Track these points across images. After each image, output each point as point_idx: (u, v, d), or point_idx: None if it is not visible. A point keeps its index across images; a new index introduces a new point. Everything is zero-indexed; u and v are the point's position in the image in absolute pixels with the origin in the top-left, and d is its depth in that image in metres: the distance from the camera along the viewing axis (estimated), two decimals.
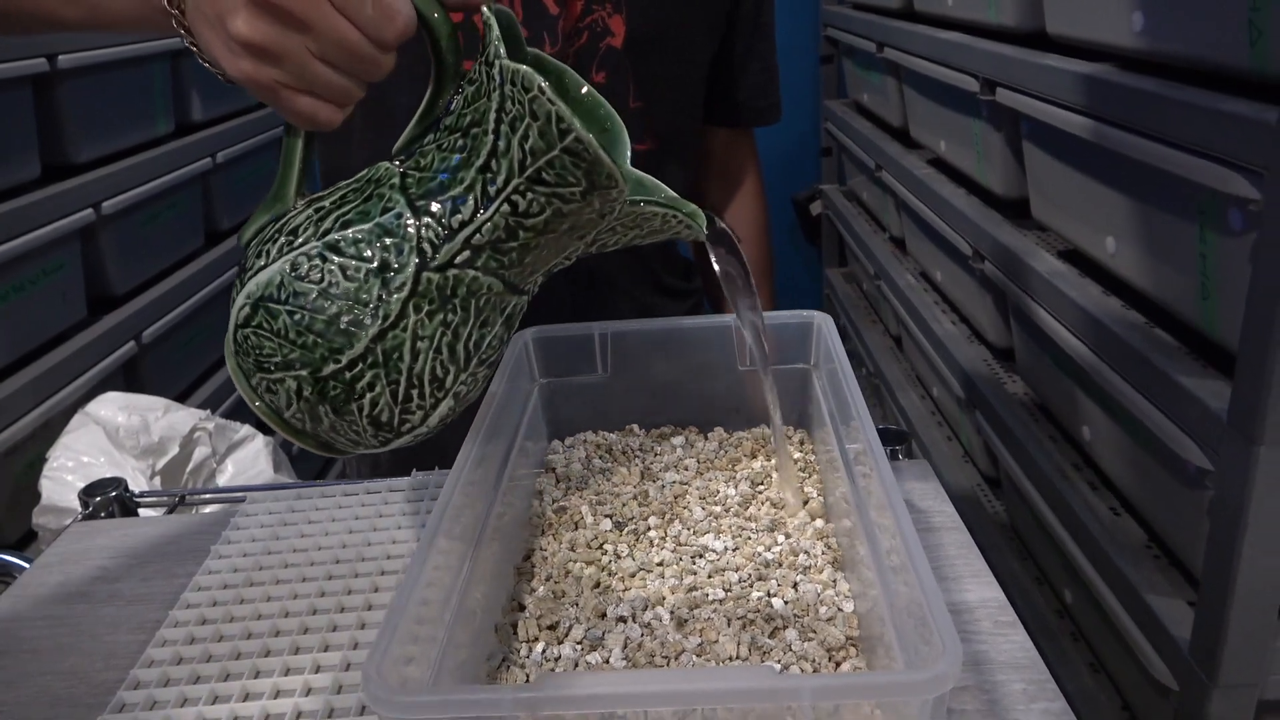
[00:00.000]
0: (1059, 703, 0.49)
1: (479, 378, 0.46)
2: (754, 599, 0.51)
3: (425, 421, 0.46)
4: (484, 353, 0.46)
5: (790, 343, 0.67)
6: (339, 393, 0.43)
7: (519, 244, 0.43)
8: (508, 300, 0.45)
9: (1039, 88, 0.94)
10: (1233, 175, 0.62)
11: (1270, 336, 0.58)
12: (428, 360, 0.44)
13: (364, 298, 0.42)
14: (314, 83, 0.42)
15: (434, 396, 0.45)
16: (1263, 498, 0.62)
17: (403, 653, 0.38)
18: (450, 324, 0.44)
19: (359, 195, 0.45)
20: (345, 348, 0.43)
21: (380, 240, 0.43)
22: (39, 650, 0.57)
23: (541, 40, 0.72)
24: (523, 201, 0.42)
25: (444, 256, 0.43)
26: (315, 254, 0.43)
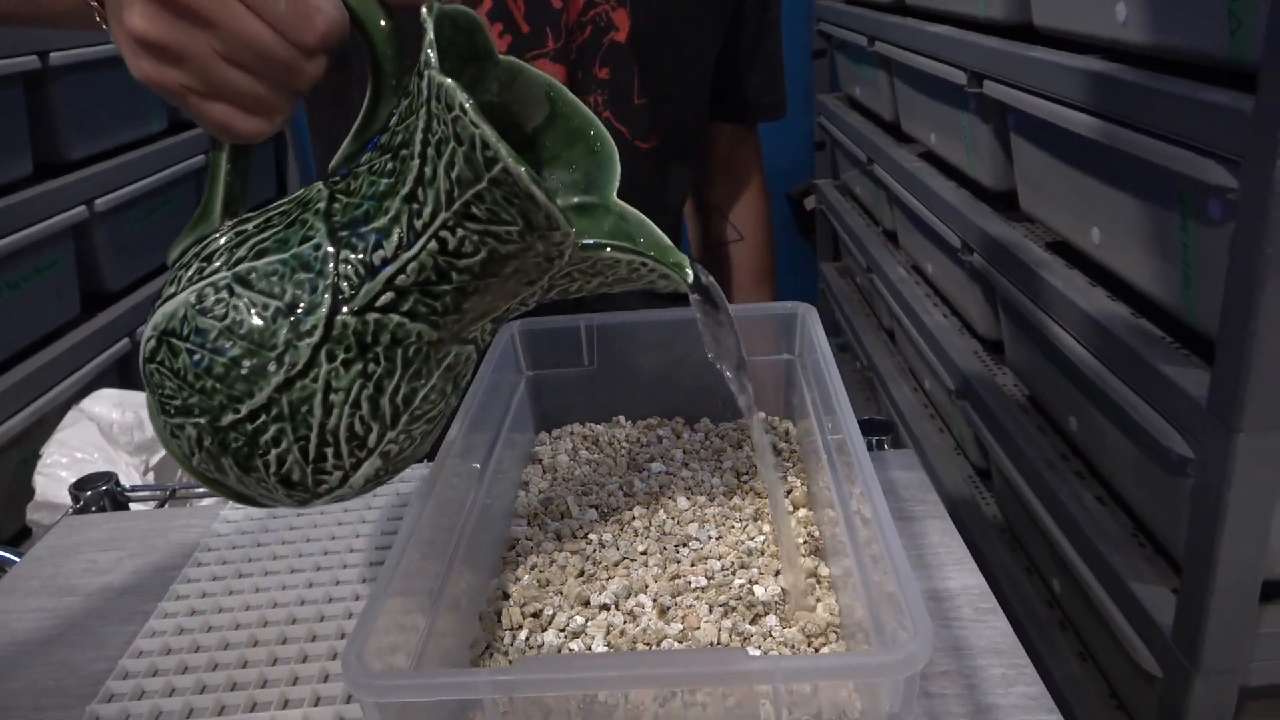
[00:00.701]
0: (1037, 686, 0.49)
1: (416, 435, 0.40)
2: (736, 586, 0.52)
3: (346, 482, 0.40)
4: (419, 409, 0.39)
5: (775, 334, 0.67)
6: (241, 446, 0.38)
7: (453, 287, 0.37)
8: (445, 350, 0.39)
9: (1025, 80, 0.94)
10: (1211, 164, 0.62)
11: (1247, 324, 0.58)
12: (343, 415, 0.38)
13: (270, 341, 0.37)
14: (224, 88, 0.36)
15: (354, 456, 0.39)
16: (1242, 484, 0.62)
17: (385, 641, 0.38)
18: (371, 375, 0.38)
19: (284, 219, 0.39)
20: (246, 396, 0.37)
21: (294, 275, 0.37)
22: (29, 642, 0.58)
23: (544, 36, 0.70)
24: (452, 239, 0.36)
25: (363, 298, 0.37)
26: (223, 285, 0.38)
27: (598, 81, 0.73)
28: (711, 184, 0.92)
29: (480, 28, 0.39)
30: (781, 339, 0.67)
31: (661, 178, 0.80)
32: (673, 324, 0.67)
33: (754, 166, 0.92)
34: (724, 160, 0.91)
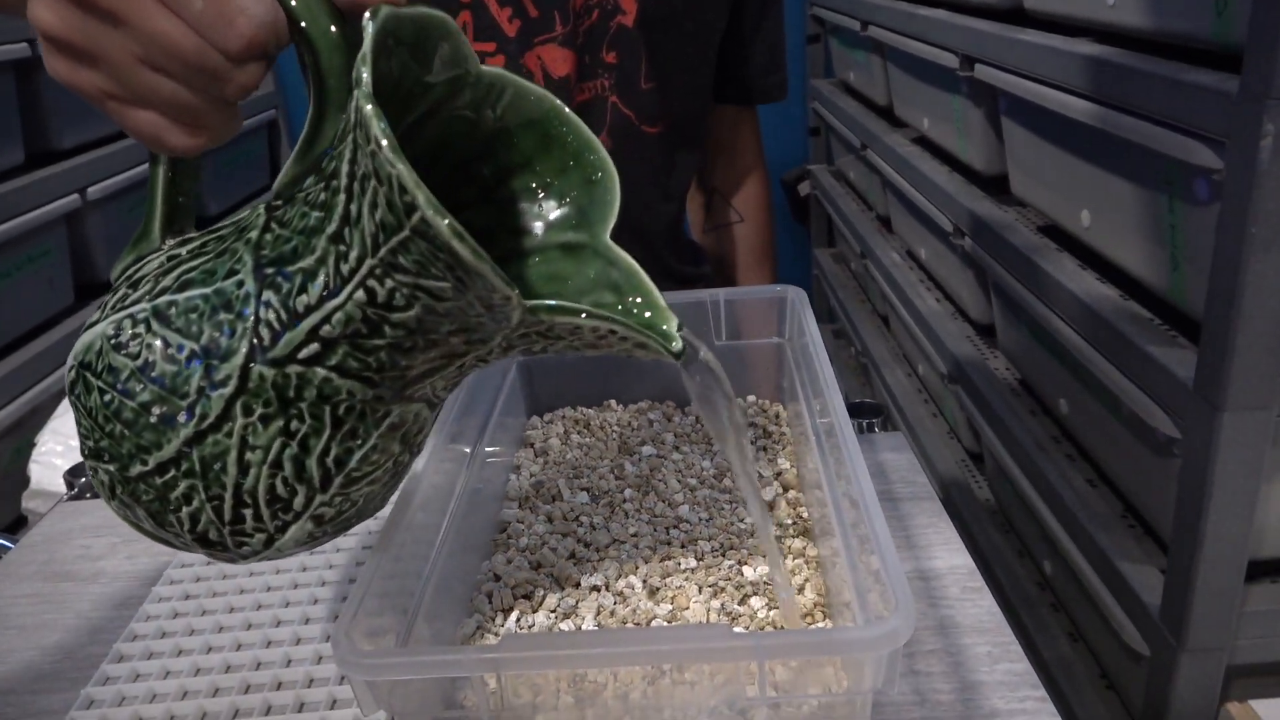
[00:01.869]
0: (1022, 664, 0.50)
1: (356, 498, 0.36)
2: (725, 568, 0.52)
3: (272, 545, 0.36)
4: (357, 470, 0.35)
5: (764, 317, 0.67)
6: (151, 500, 0.34)
7: (386, 343, 0.32)
8: (385, 410, 0.34)
9: (1016, 63, 0.94)
10: (1197, 146, 0.63)
11: (1232, 304, 0.59)
12: (261, 476, 0.33)
13: (182, 388, 0.33)
14: (146, 95, 0.32)
15: (277, 520, 0.35)
16: (1227, 464, 0.63)
17: (375, 622, 0.39)
18: (294, 434, 0.33)
19: (218, 245, 0.35)
20: (154, 448, 0.33)
21: (214, 314, 0.33)
22: (24, 627, 0.58)
23: (552, 20, 0.70)
24: (381, 290, 0.31)
25: (284, 349, 0.32)
26: (141, 319, 0.33)
27: (605, 66, 0.73)
28: (712, 166, 0.92)
29: (451, 34, 0.34)
30: (772, 322, 0.68)
31: (668, 162, 0.80)
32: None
33: (754, 148, 0.92)
34: (725, 142, 0.91)
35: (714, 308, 0.68)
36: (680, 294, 0.68)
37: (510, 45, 0.70)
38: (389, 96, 0.32)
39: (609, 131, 0.75)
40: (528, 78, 0.70)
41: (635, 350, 0.36)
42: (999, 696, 0.48)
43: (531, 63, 0.70)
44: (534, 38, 0.70)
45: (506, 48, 0.70)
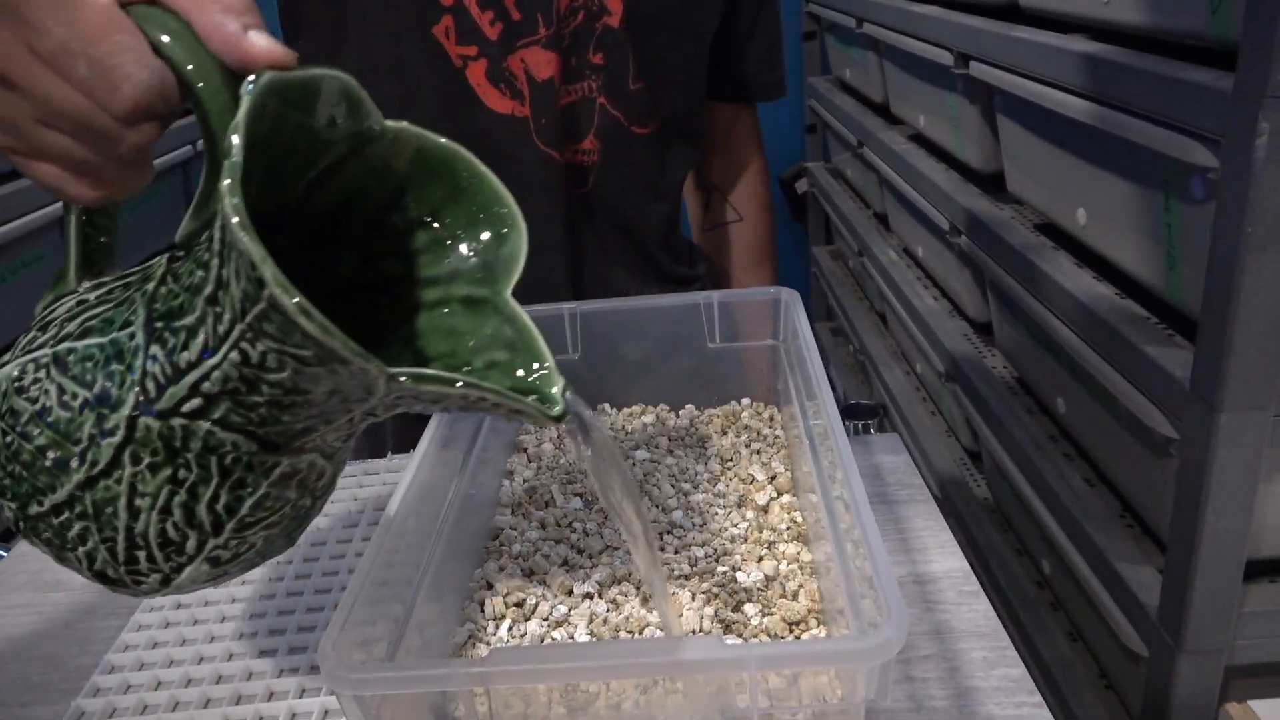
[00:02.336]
0: (1018, 669, 0.49)
1: (255, 541, 0.37)
2: (719, 573, 0.52)
3: (170, 584, 0.37)
4: (250, 517, 0.36)
5: (758, 319, 0.67)
6: (50, 538, 0.35)
7: (265, 400, 0.33)
8: (273, 461, 0.35)
9: (1011, 60, 0.94)
10: (1193, 144, 0.62)
11: (1228, 304, 0.58)
12: (152, 521, 0.35)
13: (75, 434, 0.34)
14: (45, 151, 0.33)
15: (171, 561, 0.36)
16: (1224, 464, 0.62)
17: (365, 632, 0.38)
18: (182, 482, 0.34)
19: (124, 292, 0.36)
20: (49, 490, 0.34)
21: (108, 364, 0.34)
22: (15, 637, 0.58)
23: (535, 23, 0.69)
24: (253, 352, 0.32)
25: (168, 402, 0.33)
26: (43, 363, 0.35)
27: (592, 67, 0.72)
28: (710, 164, 0.91)
29: (348, 93, 0.34)
30: (767, 324, 0.67)
31: (659, 163, 0.79)
32: (658, 311, 0.67)
33: (753, 147, 0.91)
34: (723, 140, 0.90)
35: (708, 310, 0.67)
36: (674, 296, 0.68)
37: (492, 49, 0.69)
38: (283, 154, 0.33)
39: (596, 133, 0.74)
40: (510, 81, 0.70)
41: (511, 415, 0.35)
42: (995, 702, 0.47)
43: (515, 65, 0.69)
44: (516, 41, 0.69)
45: (488, 51, 0.69)
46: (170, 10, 0.32)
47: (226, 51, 0.32)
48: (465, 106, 0.70)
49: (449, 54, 0.69)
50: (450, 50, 0.69)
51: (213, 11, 0.32)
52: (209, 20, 0.32)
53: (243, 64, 0.32)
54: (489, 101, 0.70)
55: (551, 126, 0.71)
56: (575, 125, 0.73)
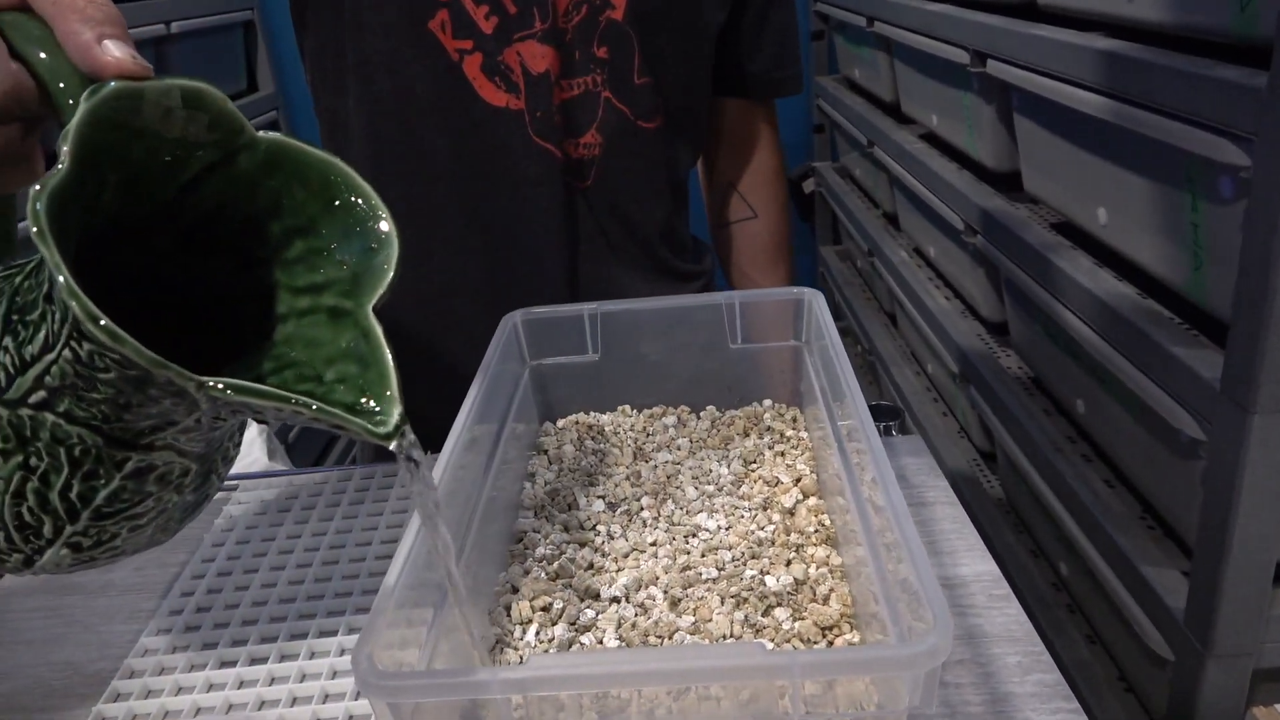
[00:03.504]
0: (1053, 674, 0.49)
1: (116, 530, 0.39)
2: (747, 577, 0.51)
3: (33, 564, 0.39)
4: (108, 508, 0.37)
5: (781, 320, 0.66)
6: None
7: (104, 398, 0.34)
8: (123, 456, 0.36)
9: (1029, 59, 0.93)
10: (1223, 142, 0.62)
11: (1262, 304, 0.58)
12: (6, 504, 0.36)
13: None
14: None
15: (30, 544, 0.38)
16: (1256, 466, 0.62)
17: (394, 636, 0.38)
18: (35, 469, 0.36)
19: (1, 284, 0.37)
20: None
21: None
22: (33, 642, 0.57)
23: (531, 17, 0.69)
24: (82, 352, 0.33)
25: (16, 392, 0.34)
26: None
27: (596, 61, 0.72)
28: (725, 161, 0.90)
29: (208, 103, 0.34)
30: (788, 325, 0.67)
31: (663, 158, 0.79)
32: (676, 311, 0.67)
33: (767, 144, 0.90)
34: (735, 137, 0.89)
35: (729, 310, 0.67)
36: (694, 296, 0.67)
37: (487, 43, 0.69)
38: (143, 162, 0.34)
39: (599, 127, 0.74)
40: (505, 74, 0.70)
41: (336, 430, 0.35)
42: (1031, 708, 0.47)
43: (511, 59, 0.70)
44: (513, 34, 0.69)
45: (484, 45, 0.69)
46: (36, 19, 0.33)
47: (81, 59, 0.33)
48: (461, 99, 0.71)
49: (445, 48, 0.69)
50: (446, 44, 0.69)
51: (71, 20, 0.33)
52: (67, 28, 0.33)
53: (95, 72, 0.33)
54: (484, 94, 0.71)
55: (547, 120, 0.71)
56: (576, 119, 0.73)
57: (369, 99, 0.72)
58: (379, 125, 0.72)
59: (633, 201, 0.78)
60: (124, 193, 0.34)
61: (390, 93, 0.71)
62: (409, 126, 0.72)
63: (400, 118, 0.72)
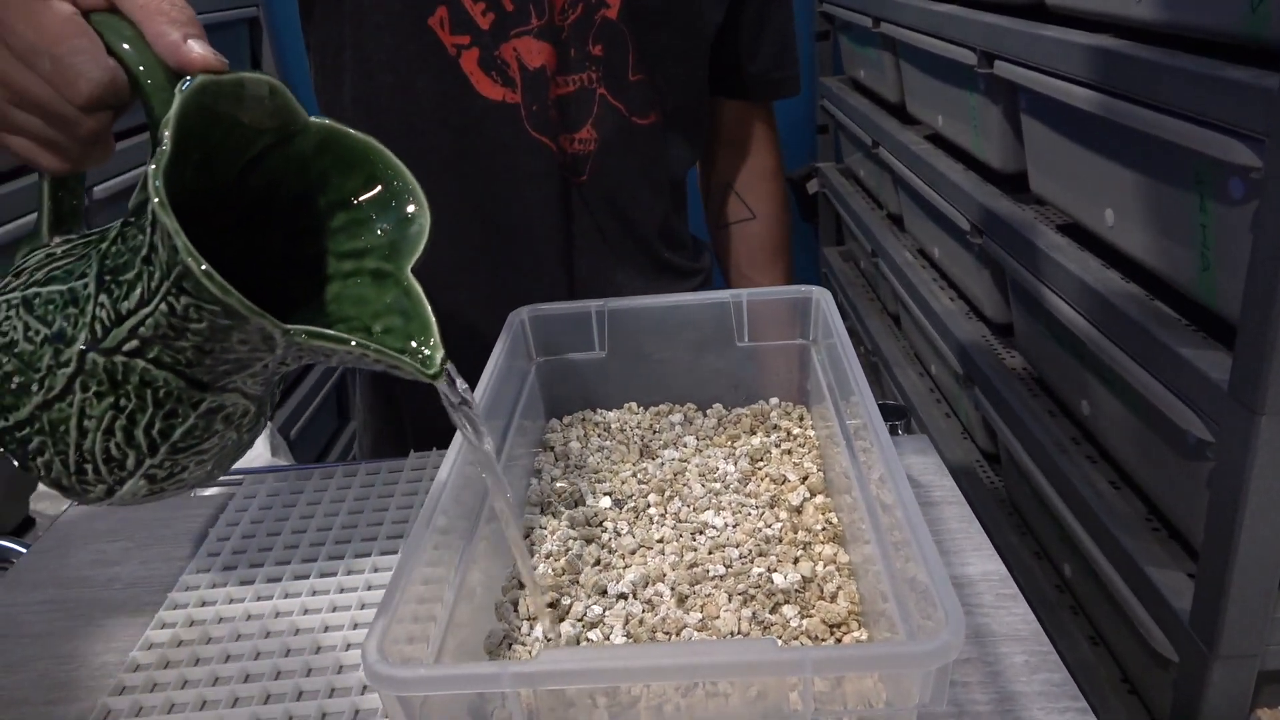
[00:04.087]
0: (1060, 674, 0.49)
1: (186, 464, 0.44)
2: (755, 575, 0.51)
3: (113, 495, 0.43)
4: (181, 443, 0.42)
5: (788, 318, 0.66)
6: (15, 449, 0.42)
7: (190, 345, 0.39)
8: (199, 397, 0.42)
9: (1037, 59, 0.93)
10: (1233, 143, 0.61)
11: (1271, 305, 0.58)
12: (97, 440, 0.41)
13: (36, 364, 0.41)
14: (18, 128, 0.40)
15: (114, 475, 0.42)
16: (1264, 468, 0.61)
17: (403, 631, 0.38)
18: (124, 409, 0.41)
19: (81, 250, 0.42)
20: (13, 409, 0.41)
21: (65, 307, 0.41)
22: (38, 635, 0.57)
23: (528, 13, 0.70)
24: (178, 305, 0.38)
25: (112, 342, 0.40)
26: (14, 304, 0.41)
27: (591, 58, 0.73)
28: (723, 162, 0.91)
29: (274, 94, 0.40)
30: (795, 323, 0.66)
31: (659, 154, 0.80)
32: (684, 308, 0.66)
33: (765, 144, 0.91)
34: (734, 137, 0.90)
35: (736, 309, 0.67)
36: (701, 295, 0.67)
37: (484, 38, 0.71)
38: (219, 142, 0.39)
39: (595, 123, 0.75)
40: (503, 69, 0.72)
41: (391, 369, 0.40)
42: (1039, 707, 0.47)
43: (507, 54, 0.71)
44: (510, 30, 0.71)
45: (481, 40, 0.71)
46: (125, 19, 0.38)
47: (169, 56, 0.38)
48: (459, 94, 0.72)
49: (444, 43, 0.71)
50: (445, 40, 0.71)
51: (160, 22, 0.38)
52: (156, 29, 0.38)
53: (181, 67, 0.38)
54: (481, 89, 0.72)
55: (543, 114, 0.72)
56: (572, 114, 0.74)
57: (370, 93, 0.72)
58: (380, 119, 0.73)
59: (629, 197, 0.79)
60: (199, 171, 0.39)
61: (391, 88, 0.72)
62: (409, 121, 0.72)
63: (401, 112, 0.72)
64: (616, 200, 0.78)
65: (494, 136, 0.72)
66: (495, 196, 0.75)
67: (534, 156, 0.73)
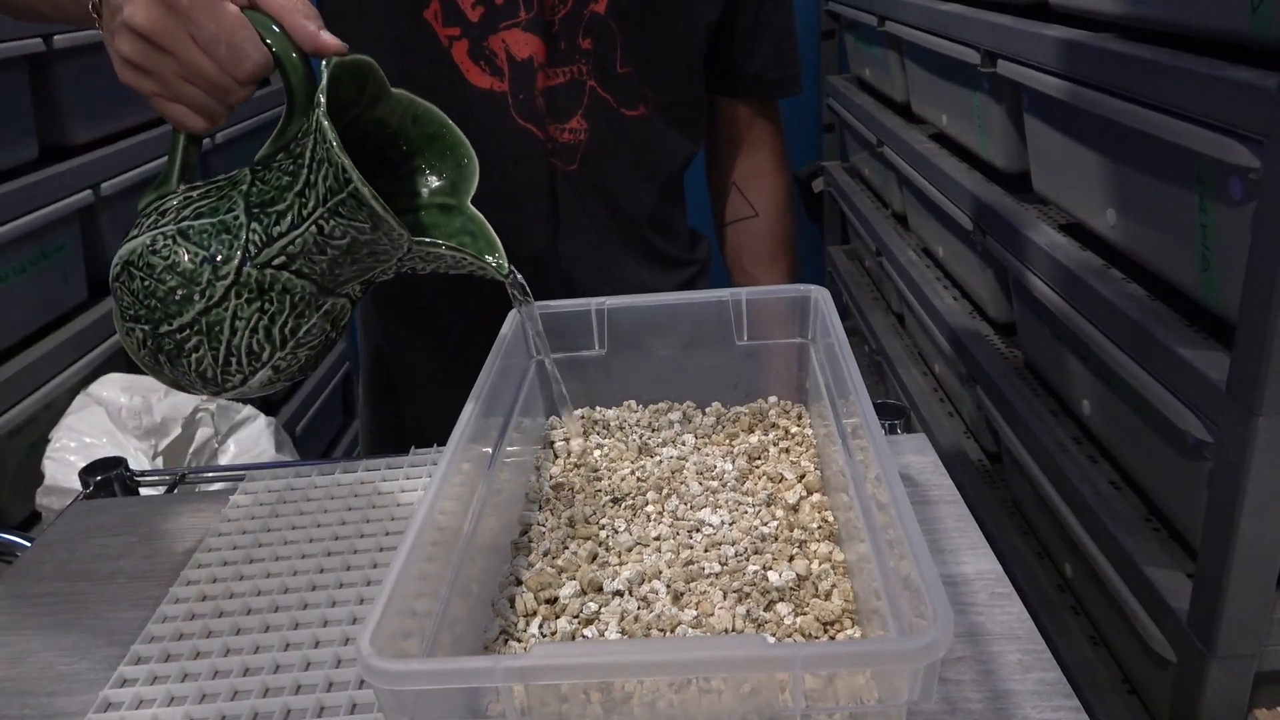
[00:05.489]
0: (1054, 672, 0.49)
1: (301, 357, 0.54)
2: (750, 572, 0.51)
3: (245, 384, 0.54)
4: (302, 338, 0.54)
5: (788, 317, 0.66)
6: (172, 349, 0.52)
7: (327, 258, 0.51)
8: (322, 300, 0.53)
9: (1040, 59, 0.93)
10: (1233, 143, 0.61)
11: (1270, 306, 0.58)
12: (244, 337, 0.52)
13: (197, 279, 0.51)
14: (181, 96, 0.51)
15: (251, 366, 0.53)
16: (1261, 468, 0.61)
17: (398, 626, 0.38)
18: (267, 311, 0.52)
19: (218, 193, 0.53)
20: (177, 315, 0.51)
21: (219, 234, 0.51)
22: (42, 627, 0.58)
23: (516, 7, 0.73)
24: (327, 226, 0.50)
25: (264, 258, 0.51)
26: (170, 235, 0.51)
27: (581, 51, 0.76)
28: (725, 159, 0.92)
29: (374, 71, 0.53)
30: (794, 322, 0.67)
31: (650, 145, 0.81)
32: (683, 307, 0.67)
33: (769, 143, 0.91)
34: (736, 136, 0.90)
35: (735, 307, 0.67)
36: (700, 293, 0.67)
37: (474, 29, 0.74)
38: (336, 108, 0.50)
39: (585, 114, 0.77)
40: (490, 59, 0.75)
41: (478, 270, 0.54)
42: (1031, 705, 0.47)
43: (496, 45, 0.74)
44: (498, 23, 0.74)
45: (470, 32, 0.74)
46: (266, 14, 0.50)
47: (307, 43, 0.50)
48: (450, 82, 0.75)
49: (437, 34, 0.74)
50: (438, 31, 0.74)
51: (298, 17, 0.50)
52: (296, 23, 0.50)
53: (318, 51, 0.50)
54: (470, 77, 0.75)
55: (529, 103, 0.75)
56: (563, 105, 0.77)
57: None
58: None
59: (618, 185, 0.81)
60: None
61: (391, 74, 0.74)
62: None
63: None
64: (606, 188, 0.80)
65: (483, 123, 0.75)
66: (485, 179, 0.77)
67: (519, 142, 0.76)
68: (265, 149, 0.53)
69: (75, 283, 1.40)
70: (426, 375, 0.86)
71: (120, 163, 1.45)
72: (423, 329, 0.85)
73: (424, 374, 0.86)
